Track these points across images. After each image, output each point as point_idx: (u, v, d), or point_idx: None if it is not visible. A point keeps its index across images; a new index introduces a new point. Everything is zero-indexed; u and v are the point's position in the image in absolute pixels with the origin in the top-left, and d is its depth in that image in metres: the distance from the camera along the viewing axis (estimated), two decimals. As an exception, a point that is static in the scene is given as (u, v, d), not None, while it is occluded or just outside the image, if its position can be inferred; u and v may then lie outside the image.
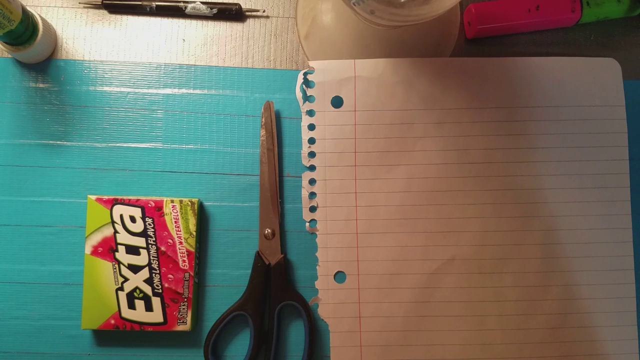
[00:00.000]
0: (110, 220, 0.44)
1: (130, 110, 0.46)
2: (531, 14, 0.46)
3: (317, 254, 0.45)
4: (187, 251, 0.44)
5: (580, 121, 0.46)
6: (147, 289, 0.43)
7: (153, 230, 0.44)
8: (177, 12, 0.47)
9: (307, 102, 0.46)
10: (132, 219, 0.44)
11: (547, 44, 0.48)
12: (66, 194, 0.45)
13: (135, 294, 0.43)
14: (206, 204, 0.46)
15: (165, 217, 0.44)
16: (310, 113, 0.46)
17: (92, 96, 0.46)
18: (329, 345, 0.44)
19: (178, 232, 0.44)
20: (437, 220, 0.45)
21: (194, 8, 0.47)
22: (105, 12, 0.48)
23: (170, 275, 0.44)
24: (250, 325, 0.44)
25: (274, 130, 0.46)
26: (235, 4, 0.47)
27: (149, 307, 0.43)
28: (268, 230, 0.45)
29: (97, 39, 0.47)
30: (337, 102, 0.46)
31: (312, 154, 0.46)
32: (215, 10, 0.47)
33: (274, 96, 0.47)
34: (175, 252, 0.44)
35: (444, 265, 0.45)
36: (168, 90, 0.47)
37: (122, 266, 0.43)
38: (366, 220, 0.45)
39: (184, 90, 0.47)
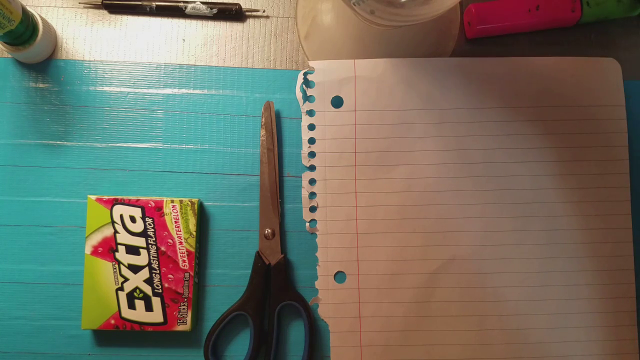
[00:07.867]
0: (110, 220, 0.44)
1: (130, 110, 0.46)
2: (531, 14, 0.46)
3: (317, 254, 0.45)
4: (187, 251, 0.44)
5: (580, 121, 0.45)
6: (147, 289, 0.43)
7: (153, 230, 0.44)
8: (177, 12, 0.47)
9: (307, 102, 0.46)
10: (132, 219, 0.44)
11: (547, 44, 0.48)
12: (66, 194, 0.45)
13: (135, 294, 0.43)
14: (206, 204, 0.46)
15: (165, 217, 0.44)
16: (310, 113, 0.46)
17: (92, 96, 0.46)
18: (329, 345, 0.44)
19: (178, 232, 0.44)
20: (437, 220, 0.45)
21: (194, 8, 0.47)
22: (105, 12, 0.48)
23: (170, 275, 0.44)
24: (250, 325, 0.44)
25: (274, 130, 0.46)
26: (235, 4, 0.47)
27: (149, 307, 0.43)
28: (268, 230, 0.45)
29: (97, 39, 0.47)
30: (337, 102, 0.46)
31: (312, 154, 0.46)
32: (215, 10, 0.47)
33: (274, 96, 0.47)
34: (175, 252, 0.44)
35: (444, 265, 0.45)
36: (168, 90, 0.47)
37: (122, 266, 0.43)
38: (366, 220, 0.45)
39: (184, 90, 0.47)
